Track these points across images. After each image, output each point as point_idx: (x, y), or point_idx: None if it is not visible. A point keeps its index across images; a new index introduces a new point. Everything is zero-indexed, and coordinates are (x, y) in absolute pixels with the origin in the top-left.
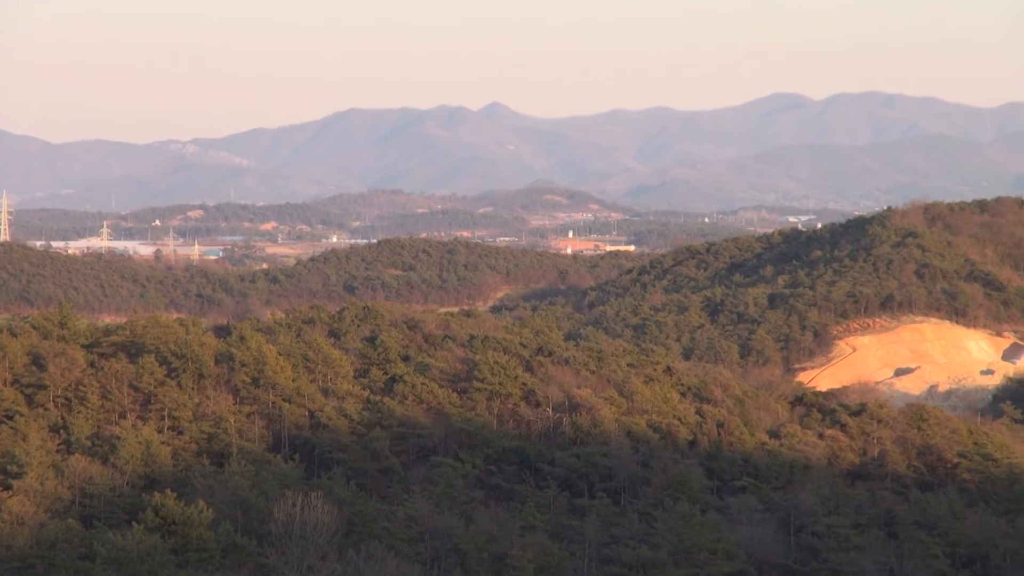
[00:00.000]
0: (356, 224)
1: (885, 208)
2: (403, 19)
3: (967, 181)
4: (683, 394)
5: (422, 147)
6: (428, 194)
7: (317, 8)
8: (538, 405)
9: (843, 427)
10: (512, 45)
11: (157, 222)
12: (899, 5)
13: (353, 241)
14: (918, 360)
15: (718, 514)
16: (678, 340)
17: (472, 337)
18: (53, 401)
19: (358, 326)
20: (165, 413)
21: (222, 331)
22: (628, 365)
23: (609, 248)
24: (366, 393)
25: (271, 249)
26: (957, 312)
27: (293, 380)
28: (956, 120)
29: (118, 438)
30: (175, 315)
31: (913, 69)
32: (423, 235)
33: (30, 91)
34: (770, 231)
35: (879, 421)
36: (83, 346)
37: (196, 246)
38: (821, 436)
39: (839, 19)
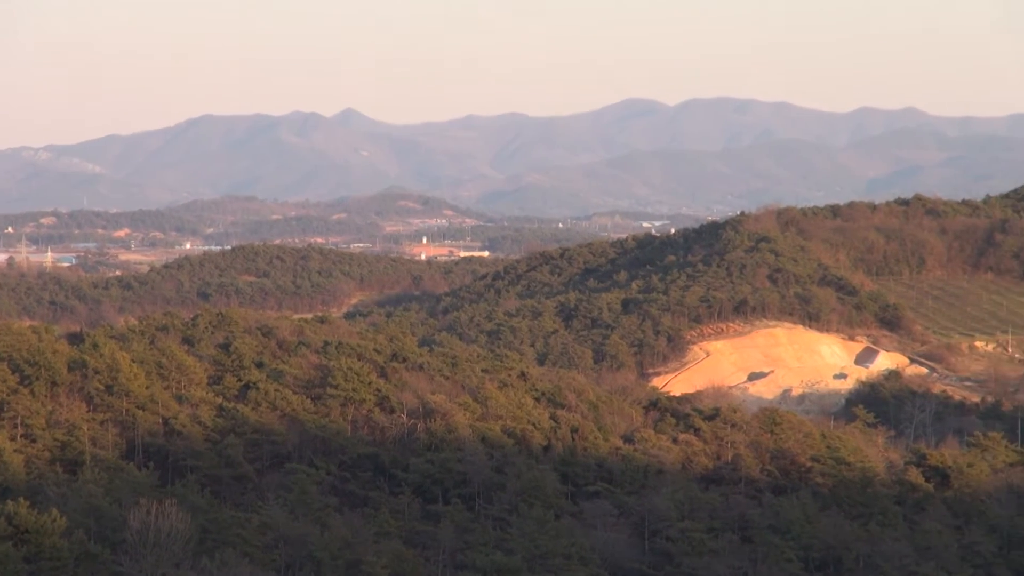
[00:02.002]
0: (210, 231)
1: (738, 213)
2: (256, 25)
3: (820, 186)
4: (537, 399)
5: (276, 154)
6: (282, 201)
7: (169, 14)
8: (392, 411)
9: (697, 432)
10: (366, 51)
11: (10, 229)
12: (751, 11)
13: (207, 248)
14: (771, 364)
15: (572, 519)
16: (532, 345)
17: (326, 343)
18: None
19: (212, 333)
20: (18, 421)
21: (75, 338)
22: (482, 371)
23: (463, 254)
24: (220, 400)
25: (124, 256)
26: (810, 316)
27: (147, 387)
28: (809, 125)
29: None
30: (27, 322)
31: (766, 75)
32: (277, 242)
33: None
34: (624, 236)
35: (733, 425)
36: None
37: (49, 253)
38: (675, 441)
39: (691, 25)
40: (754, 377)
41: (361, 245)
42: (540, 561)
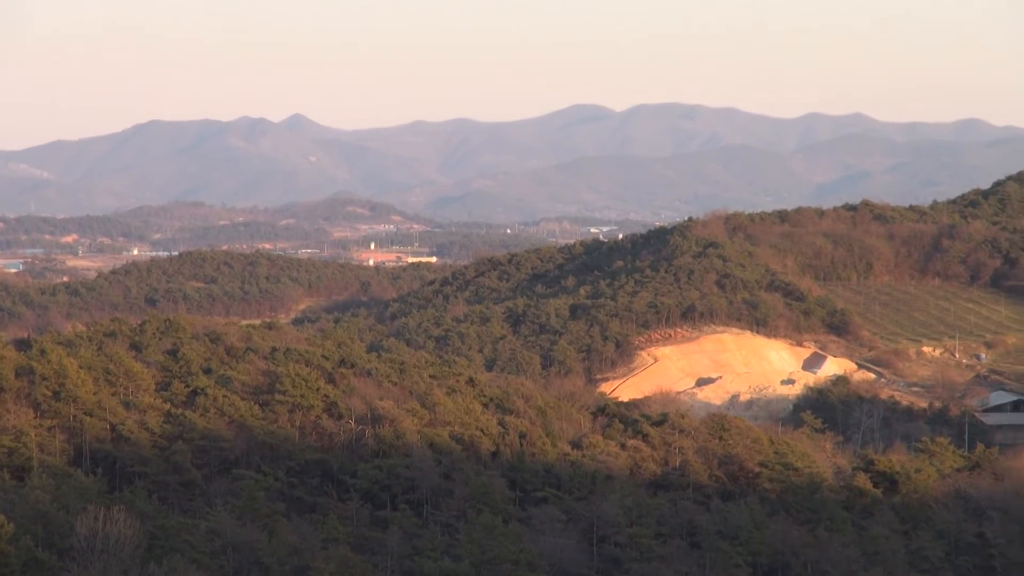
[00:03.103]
0: (158, 237)
1: (686, 219)
2: (204, 30)
3: (768, 191)
4: (485, 405)
5: (224, 159)
6: (230, 206)
7: (115, 18)
8: (340, 417)
9: (645, 437)
10: (314, 57)
11: None
12: (698, 17)
13: (155, 254)
14: (719, 370)
15: (521, 525)
16: (480, 351)
17: (274, 349)
18: None
19: (160, 339)
20: None
21: (22, 344)
22: (430, 376)
23: (411, 260)
24: (168, 406)
25: (72, 262)
26: (758, 322)
27: (94, 393)
28: (757, 131)
29: None
30: None
31: (714, 80)
32: (225, 247)
33: None
34: (572, 242)
35: (681, 431)
36: None
37: None
38: (623, 446)
39: (639, 30)
40: (702, 383)
41: (309, 251)
42: (488, 567)
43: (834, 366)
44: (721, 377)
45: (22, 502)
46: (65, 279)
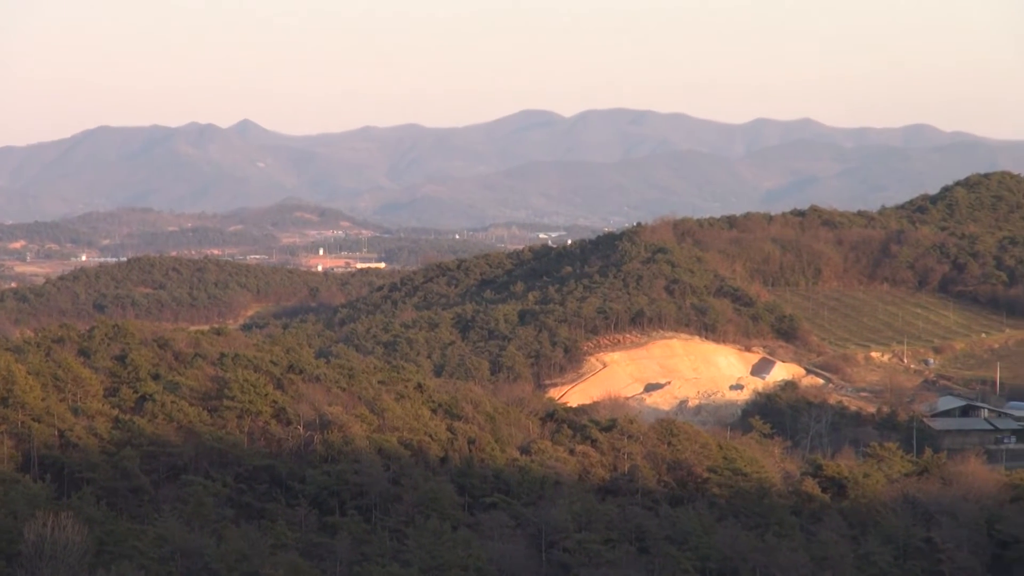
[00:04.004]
0: (106, 242)
1: (635, 224)
2: (151, 36)
3: (716, 197)
4: (434, 411)
5: (172, 165)
6: (178, 212)
7: (63, 24)
8: (289, 423)
9: (594, 443)
10: (262, 62)
11: None
12: (647, 22)
13: (103, 260)
14: (668, 375)
15: (469, 531)
16: (429, 357)
17: (223, 355)
18: None
19: (108, 345)
20: None
21: None
22: (379, 382)
23: (360, 265)
24: (116, 412)
25: (20, 268)
26: (707, 327)
27: (42, 399)
28: (705, 136)
29: None
30: None
31: (662, 86)
32: (173, 253)
33: None
34: (521, 248)
35: (629, 436)
36: None
37: None
38: (572, 452)
39: (588, 36)
40: (651, 388)
41: (257, 257)
42: (437, 573)
43: (783, 371)
44: (670, 382)
45: None
46: (13, 285)
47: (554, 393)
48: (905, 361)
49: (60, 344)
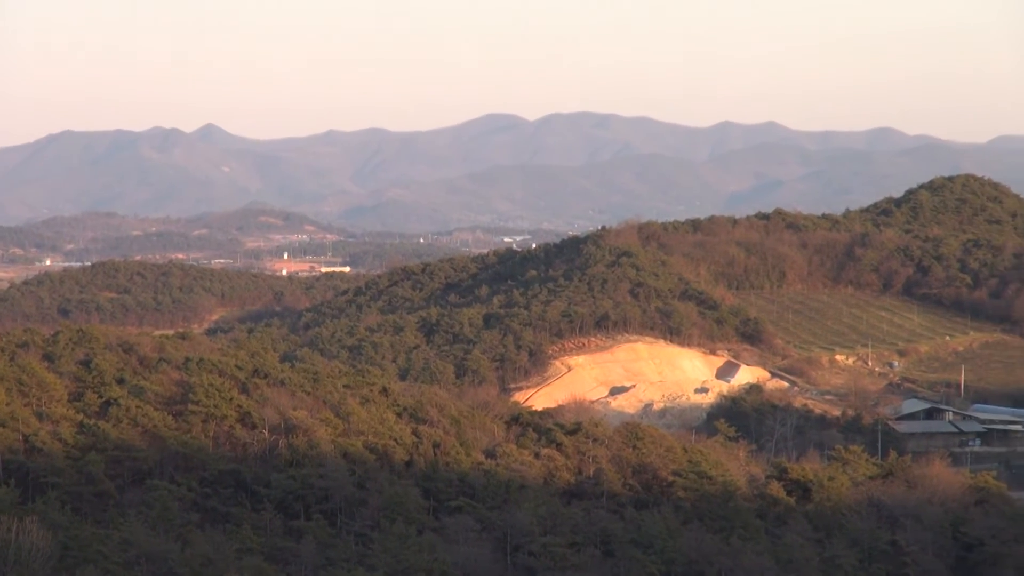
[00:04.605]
0: (70, 247)
1: (600, 228)
2: (114, 40)
3: (681, 200)
4: (399, 415)
5: (136, 169)
6: (142, 217)
7: (25, 28)
8: (254, 427)
9: (559, 446)
10: (226, 67)
11: None
12: (610, 26)
13: (67, 264)
14: (633, 379)
15: (435, 534)
16: (394, 361)
17: (187, 360)
18: None
19: (72, 349)
20: None
21: None
22: (344, 386)
23: (324, 269)
24: (81, 417)
25: None
26: (671, 331)
27: (7, 404)
28: (669, 140)
29: None
30: None
31: (626, 89)
32: (138, 258)
33: None
34: (485, 252)
35: (594, 440)
36: None
37: None
38: (537, 455)
39: (551, 40)
40: (616, 392)
41: (222, 261)
42: None
43: (747, 375)
44: (635, 386)
45: None
46: None
47: (519, 397)
48: (870, 364)
49: (24, 349)
